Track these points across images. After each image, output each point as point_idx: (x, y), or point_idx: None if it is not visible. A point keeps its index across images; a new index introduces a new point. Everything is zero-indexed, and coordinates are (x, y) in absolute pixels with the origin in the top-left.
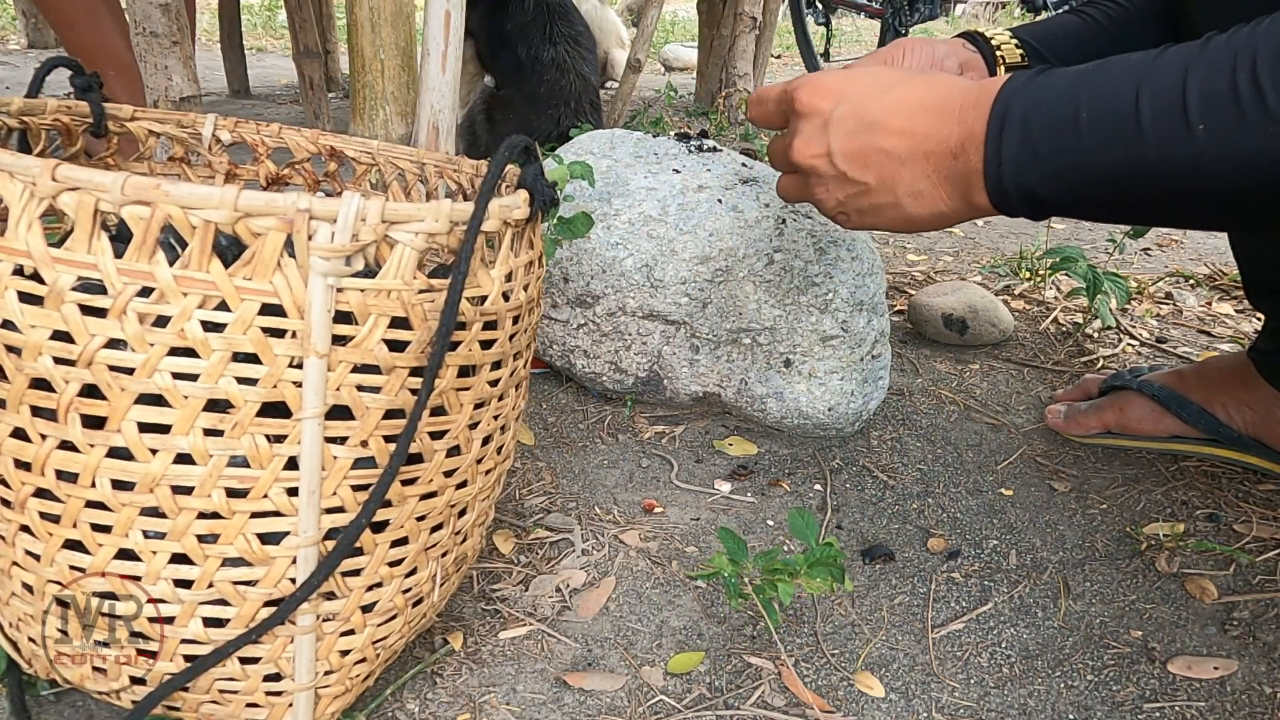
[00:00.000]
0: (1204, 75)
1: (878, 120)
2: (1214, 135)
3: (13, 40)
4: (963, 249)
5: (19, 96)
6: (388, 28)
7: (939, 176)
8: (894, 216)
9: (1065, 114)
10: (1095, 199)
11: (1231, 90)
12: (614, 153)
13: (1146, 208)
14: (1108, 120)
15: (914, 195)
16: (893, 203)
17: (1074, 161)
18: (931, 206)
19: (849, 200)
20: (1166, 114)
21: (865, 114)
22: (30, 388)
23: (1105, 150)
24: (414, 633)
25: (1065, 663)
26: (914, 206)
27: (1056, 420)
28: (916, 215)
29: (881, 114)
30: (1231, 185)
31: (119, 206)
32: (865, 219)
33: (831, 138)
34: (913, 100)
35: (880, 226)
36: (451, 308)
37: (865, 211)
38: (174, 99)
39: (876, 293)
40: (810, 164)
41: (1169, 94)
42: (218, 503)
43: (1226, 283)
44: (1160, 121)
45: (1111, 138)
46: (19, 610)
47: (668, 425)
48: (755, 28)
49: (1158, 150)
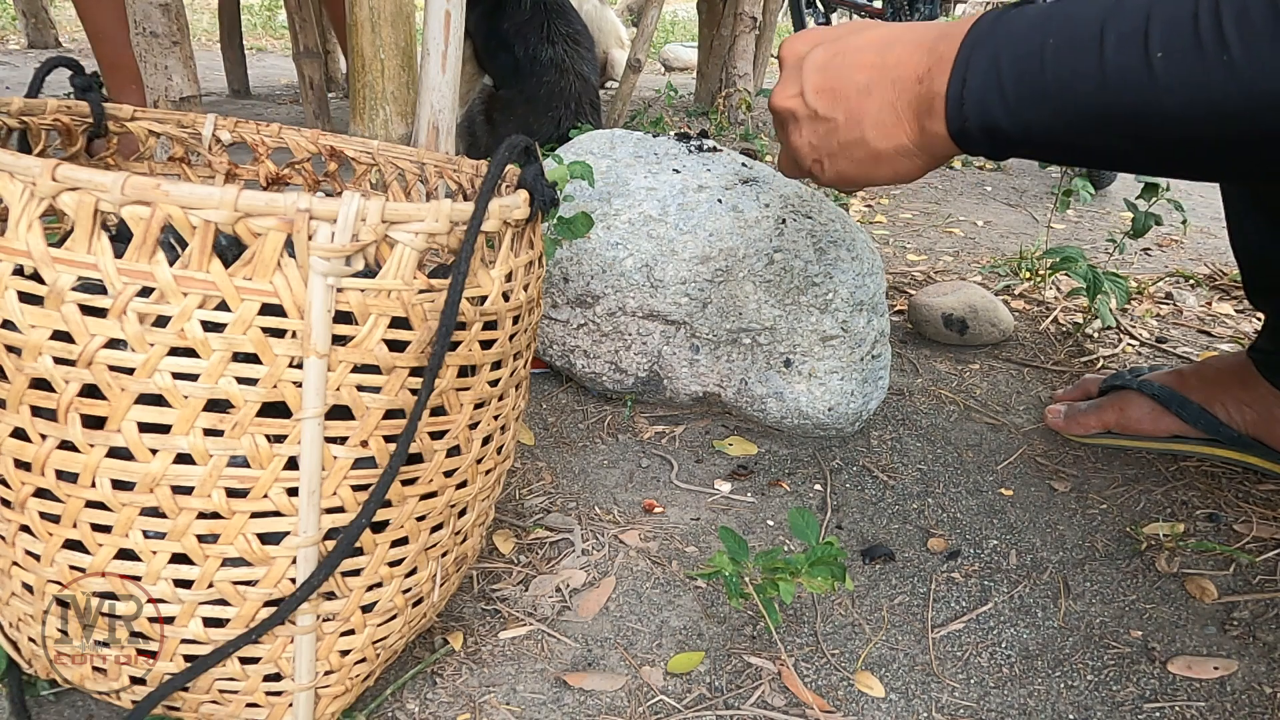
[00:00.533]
0: (1169, 7)
1: (849, 56)
2: (1170, 64)
3: (13, 40)
4: (963, 249)
5: (19, 96)
6: (388, 28)
7: (903, 103)
8: (861, 156)
9: (1034, 42)
10: (1053, 130)
11: (1192, 20)
12: (614, 153)
13: (1102, 142)
14: (1073, 47)
15: (878, 127)
16: (859, 139)
17: (1037, 89)
18: (894, 139)
19: (821, 141)
20: (1128, 42)
21: (839, 52)
22: (30, 388)
23: (1068, 78)
24: (414, 633)
25: (1065, 663)
26: (879, 140)
27: (1056, 420)
28: (882, 150)
29: (854, 50)
30: (1183, 117)
31: (119, 206)
32: (836, 164)
33: (805, 76)
34: (888, 35)
35: (850, 174)
36: (451, 308)
37: (835, 154)
38: (174, 99)
39: (876, 293)
40: (786, 106)
41: (1132, 22)
42: (218, 503)
43: (1226, 283)
44: (1121, 49)
45: (1075, 65)
46: (19, 610)
47: (668, 425)
48: (755, 28)
49: (1116, 77)
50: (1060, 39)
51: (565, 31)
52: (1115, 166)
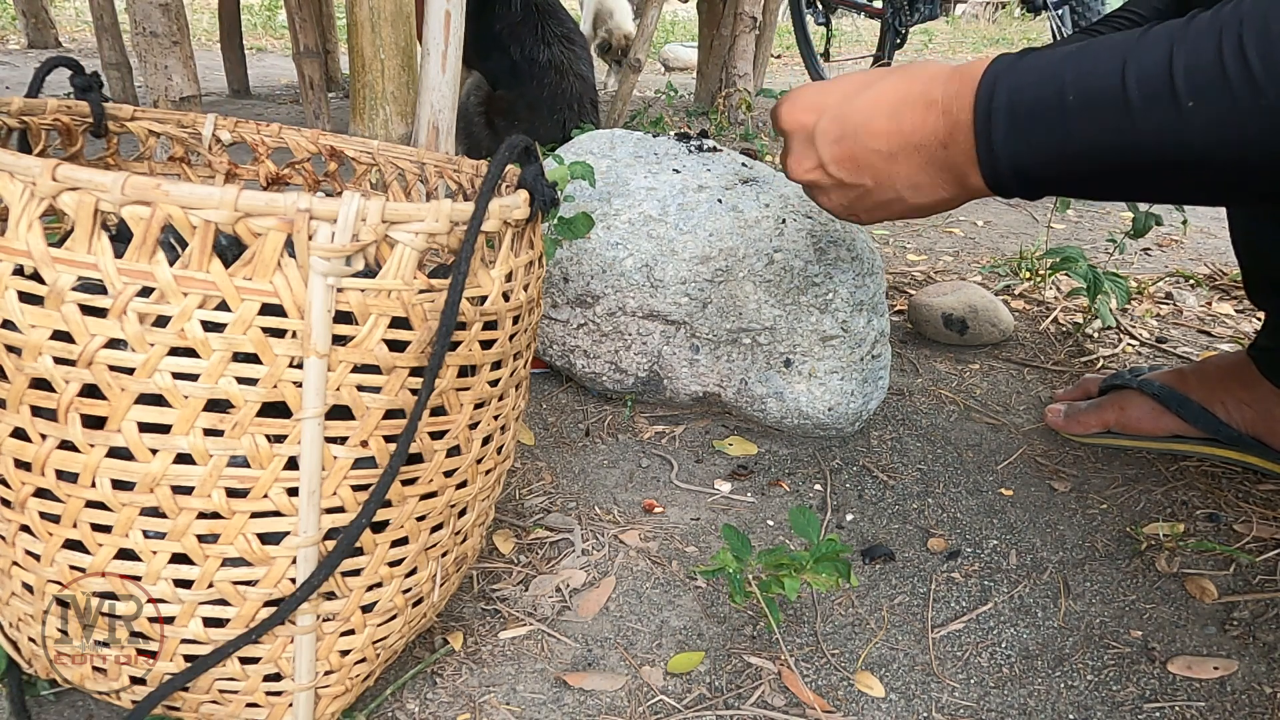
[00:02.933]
0: (1190, 52)
1: (860, 124)
2: (1204, 112)
3: (13, 40)
4: (963, 249)
5: (19, 96)
6: (388, 28)
7: (934, 167)
8: (901, 209)
9: (1051, 96)
10: (1088, 178)
11: (1218, 65)
12: (614, 153)
13: (1139, 184)
14: (1095, 100)
15: (913, 188)
16: (896, 198)
17: (1064, 143)
18: (932, 195)
19: (854, 203)
20: (1155, 92)
21: (847, 121)
22: (30, 388)
23: (1095, 131)
24: (414, 633)
25: (1065, 663)
26: (916, 197)
27: (1057, 420)
28: (921, 204)
29: (863, 117)
30: (1223, 159)
31: (119, 206)
32: (875, 214)
33: (820, 150)
34: (893, 97)
35: (893, 218)
36: (451, 308)
37: (873, 209)
38: (174, 99)
39: (876, 293)
40: (808, 179)
41: (1156, 72)
42: (218, 503)
43: (1226, 283)
44: (1149, 100)
45: (1101, 118)
46: (19, 610)
47: (668, 425)
48: (755, 28)
49: (1148, 129)
50: (1079, 94)
51: (559, 32)
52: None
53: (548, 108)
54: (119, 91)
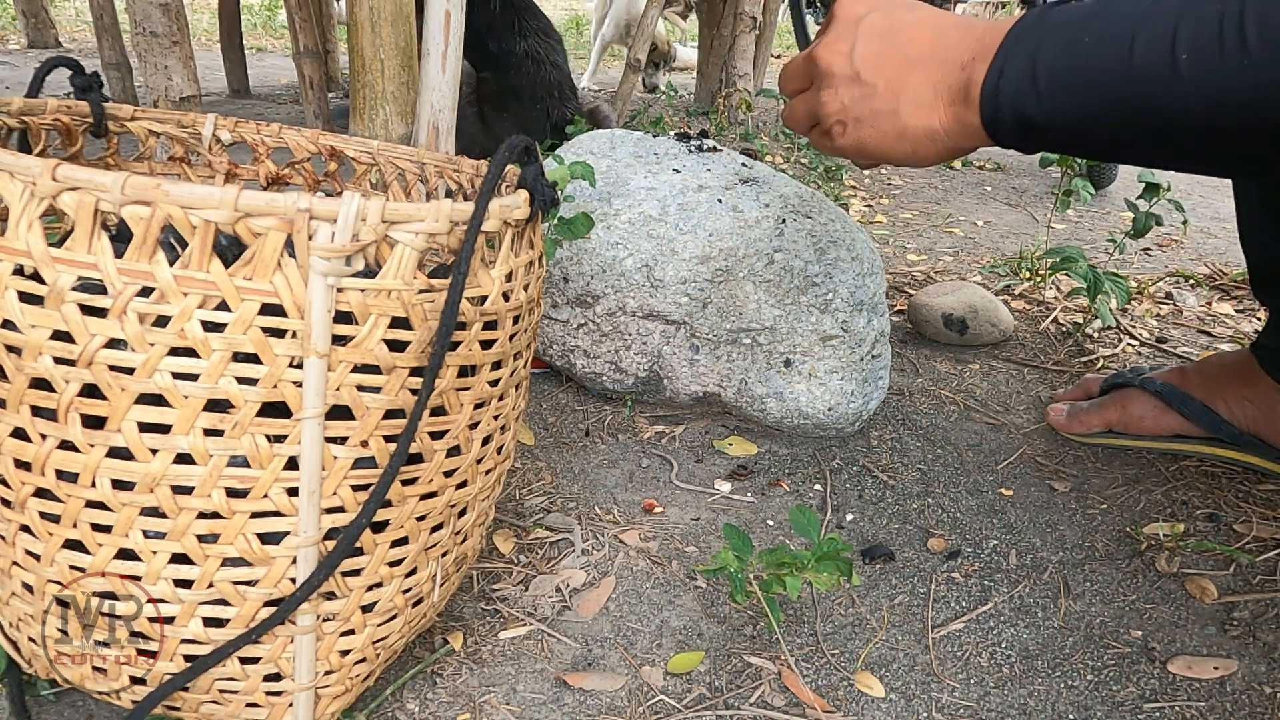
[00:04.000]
0: (1196, 19)
1: (907, 29)
2: (1194, 64)
3: (13, 40)
4: (963, 249)
5: (19, 96)
6: (388, 28)
7: (945, 84)
8: (887, 128)
9: (1070, 39)
10: (1081, 123)
11: (1217, 25)
12: (614, 153)
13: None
14: (1105, 45)
15: (914, 103)
16: (893, 110)
17: (1069, 83)
18: (925, 118)
19: (853, 104)
20: (1157, 43)
21: (896, 20)
22: (30, 388)
23: (1098, 74)
24: (414, 633)
25: (1065, 663)
26: (910, 115)
27: (1059, 419)
28: (909, 126)
29: (912, 24)
30: (1205, 116)
31: (119, 206)
32: (860, 129)
33: (859, 37)
34: (946, 20)
35: (869, 144)
36: (451, 308)
37: (862, 119)
38: (174, 99)
39: (876, 293)
40: (830, 60)
41: (1163, 24)
42: (218, 503)
43: (1226, 283)
44: (1150, 49)
45: (1106, 63)
46: (19, 610)
47: (668, 425)
48: (755, 28)
49: (1143, 74)
50: (1094, 37)
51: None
52: (1137, 161)
53: (530, 95)
54: (119, 91)
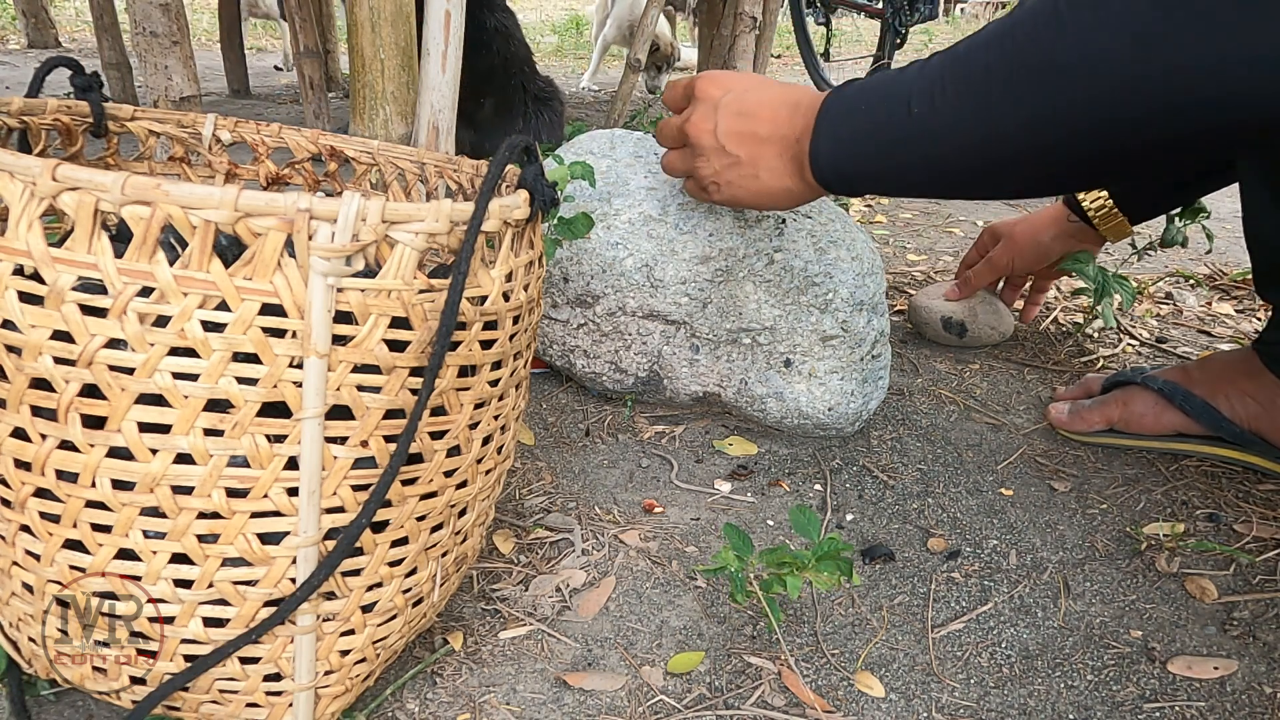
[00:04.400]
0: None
1: (753, 110)
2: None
3: (13, 40)
4: (963, 249)
5: (19, 96)
6: (388, 28)
7: (788, 156)
8: (753, 188)
9: (852, 110)
10: (869, 166)
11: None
12: (614, 153)
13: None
14: (875, 109)
15: (769, 170)
16: (753, 175)
17: (855, 141)
18: (780, 181)
19: (723, 170)
20: (900, 110)
21: (745, 104)
22: (30, 388)
23: (870, 131)
24: (414, 633)
25: (1065, 663)
26: (768, 179)
27: (1059, 417)
28: (770, 187)
29: (755, 106)
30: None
31: (119, 206)
32: (730, 189)
33: (719, 118)
34: (777, 99)
35: (740, 197)
36: (451, 308)
37: (732, 182)
38: (174, 99)
39: (876, 293)
40: (699, 136)
41: (901, 97)
42: (218, 503)
43: (1226, 283)
44: (897, 115)
45: (874, 122)
46: (19, 610)
47: (668, 425)
48: (755, 28)
49: (891, 126)
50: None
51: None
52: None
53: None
54: (119, 91)
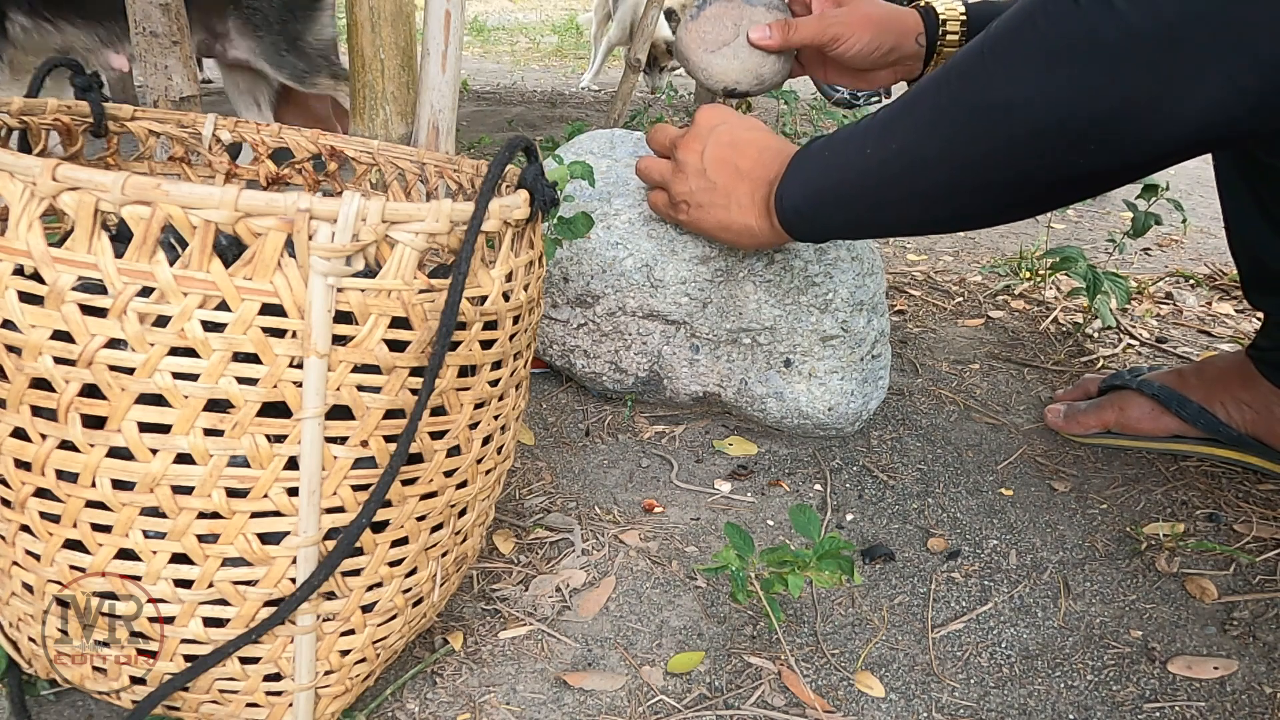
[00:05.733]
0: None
1: (741, 145)
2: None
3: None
4: (963, 248)
5: (19, 96)
6: (388, 28)
7: (758, 196)
8: (719, 218)
9: (821, 154)
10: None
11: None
12: (614, 152)
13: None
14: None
15: (739, 205)
16: (724, 205)
17: (820, 184)
18: (745, 217)
19: (698, 191)
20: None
21: (736, 137)
22: (30, 387)
23: (830, 172)
24: (414, 633)
25: (1065, 663)
26: (736, 213)
27: (1056, 420)
28: (735, 220)
29: (744, 142)
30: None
31: (119, 206)
32: (698, 212)
33: (708, 143)
34: (764, 143)
35: (703, 223)
36: (452, 308)
37: (703, 205)
38: (174, 99)
39: (876, 293)
40: (686, 156)
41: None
42: (218, 503)
43: (1226, 283)
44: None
45: (833, 165)
46: (19, 610)
47: (668, 425)
48: None
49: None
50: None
51: None
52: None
53: None
54: (119, 91)
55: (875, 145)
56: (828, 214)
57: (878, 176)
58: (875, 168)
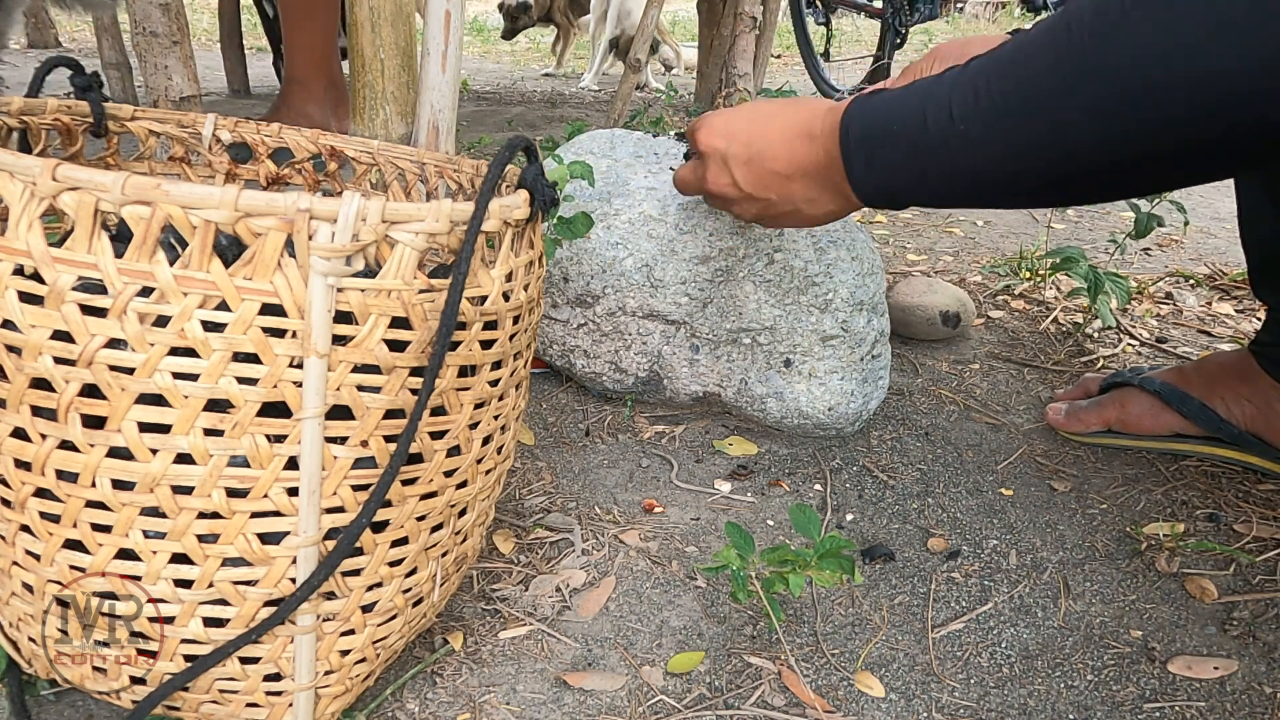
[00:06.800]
0: (961, 90)
1: (763, 151)
2: (967, 132)
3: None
4: (963, 249)
5: (19, 96)
6: (388, 28)
7: (820, 186)
8: (800, 219)
9: (884, 131)
10: (922, 188)
11: (974, 98)
12: (614, 153)
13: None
14: (909, 131)
15: (808, 201)
16: (794, 210)
17: (898, 164)
18: (824, 207)
19: (761, 213)
20: (940, 120)
21: (752, 147)
22: (30, 387)
23: (912, 153)
24: (414, 633)
25: (1065, 663)
26: (811, 209)
27: (1057, 418)
28: (816, 215)
29: (764, 145)
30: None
31: (119, 206)
32: (781, 222)
33: (732, 170)
34: (786, 131)
35: (789, 226)
36: (452, 308)
37: (777, 218)
38: (174, 99)
39: (876, 293)
40: (722, 190)
41: (942, 106)
42: (218, 503)
43: (1226, 283)
44: (938, 127)
45: (913, 143)
46: (19, 610)
47: (668, 425)
48: (755, 28)
49: (940, 147)
50: (899, 124)
51: None
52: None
53: None
54: (119, 91)
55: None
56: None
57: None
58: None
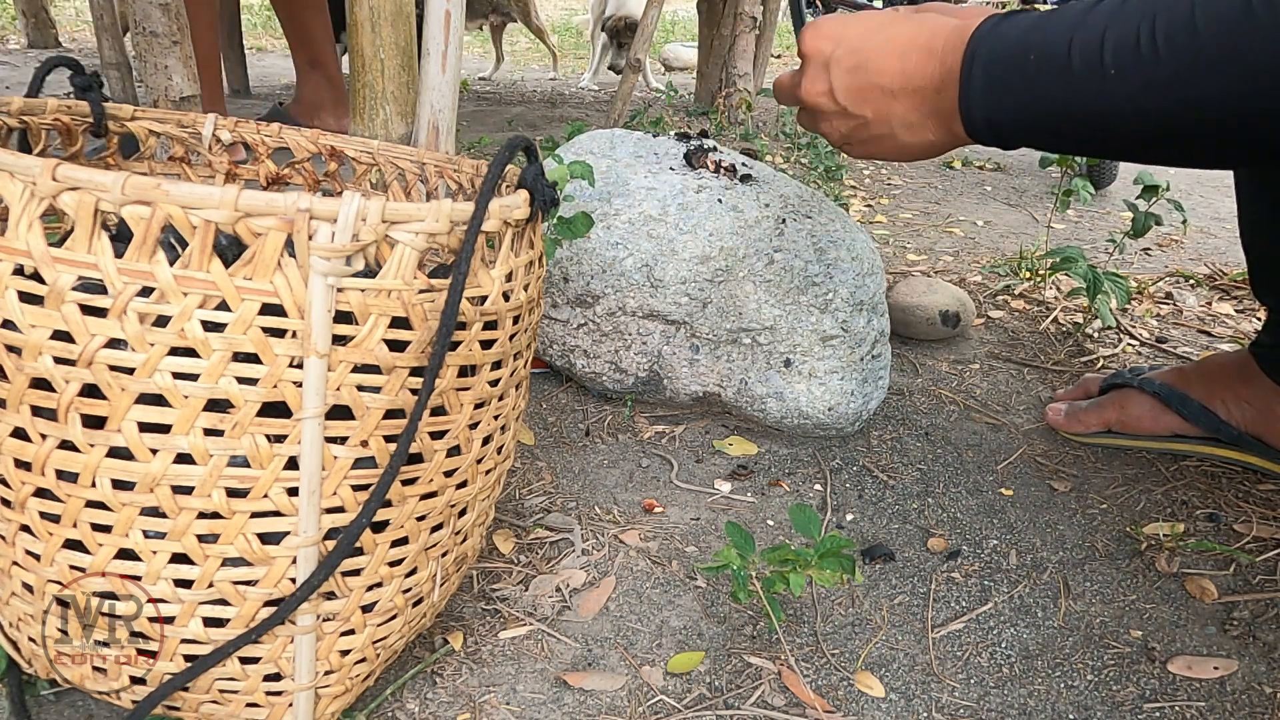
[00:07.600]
0: (1119, 28)
1: (872, 59)
2: (1120, 77)
3: (13, 40)
4: (963, 249)
5: (19, 96)
6: (388, 28)
7: (926, 109)
8: (891, 146)
9: (1018, 58)
10: (1042, 129)
11: (1135, 42)
12: (614, 153)
13: (1083, 138)
14: (1048, 63)
15: (906, 127)
16: (889, 134)
17: (1025, 98)
18: (921, 136)
19: (851, 133)
20: (1090, 59)
21: (861, 54)
22: (30, 387)
23: (1046, 88)
24: (414, 633)
25: (1065, 663)
26: (907, 136)
27: (1057, 418)
28: (910, 144)
29: (875, 53)
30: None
31: (119, 206)
32: (867, 148)
33: (833, 76)
34: (904, 41)
35: (880, 155)
36: (452, 308)
37: (866, 141)
38: (174, 99)
39: (876, 293)
40: (815, 101)
41: (1093, 43)
42: (218, 503)
43: (1226, 283)
44: (1085, 66)
45: (1051, 78)
46: (19, 610)
47: (668, 425)
48: (755, 28)
49: (1082, 88)
50: (1038, 55)
51: None
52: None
53: None
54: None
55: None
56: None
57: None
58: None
